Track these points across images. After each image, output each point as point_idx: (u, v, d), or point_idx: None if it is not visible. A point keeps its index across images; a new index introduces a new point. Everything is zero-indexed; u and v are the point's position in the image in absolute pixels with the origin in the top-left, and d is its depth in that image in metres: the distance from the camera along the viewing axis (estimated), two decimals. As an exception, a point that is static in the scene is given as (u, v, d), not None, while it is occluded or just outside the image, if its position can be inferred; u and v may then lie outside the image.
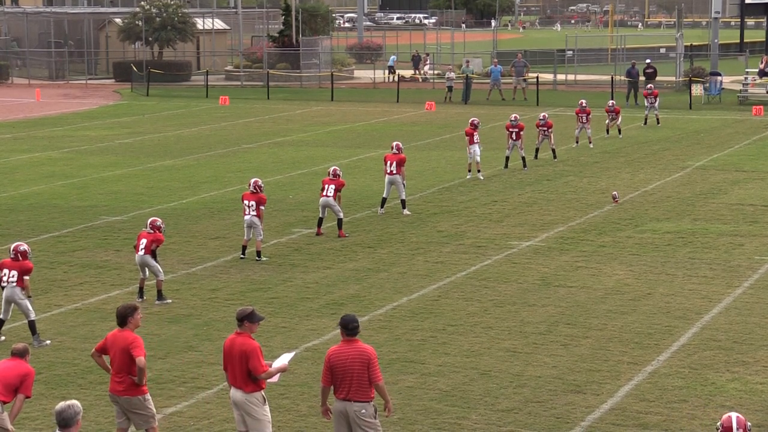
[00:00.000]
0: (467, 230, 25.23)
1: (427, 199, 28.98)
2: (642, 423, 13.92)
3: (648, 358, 16.37)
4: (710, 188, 30.20)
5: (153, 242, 19.42)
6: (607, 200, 28.33)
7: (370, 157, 36.71)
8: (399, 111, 51.07)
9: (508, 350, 16.81)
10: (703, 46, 68.97)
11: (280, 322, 18.27)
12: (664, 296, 19.71)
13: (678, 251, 23.07)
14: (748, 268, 21.55)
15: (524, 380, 15.48)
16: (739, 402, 14.45)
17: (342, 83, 63.68)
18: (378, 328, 17.88)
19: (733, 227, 25.22)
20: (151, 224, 19.63)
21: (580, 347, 16.92)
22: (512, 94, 55.54)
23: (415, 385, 15.33)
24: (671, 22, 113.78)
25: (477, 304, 19.36)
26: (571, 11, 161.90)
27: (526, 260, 22.44)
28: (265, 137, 42.10)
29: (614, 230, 25.05)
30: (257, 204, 22.29)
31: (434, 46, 76.24)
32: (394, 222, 26.16)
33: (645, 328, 17.84)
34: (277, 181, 32.11)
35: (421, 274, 21.43)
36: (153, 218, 19.96)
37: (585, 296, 19.75)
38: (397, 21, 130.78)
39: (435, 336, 17.55)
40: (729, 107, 50.58)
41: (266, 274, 21.50)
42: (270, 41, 69.00)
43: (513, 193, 29.74)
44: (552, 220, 26.17)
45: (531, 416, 14.19)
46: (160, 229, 19.63)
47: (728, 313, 18.64)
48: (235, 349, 11.97)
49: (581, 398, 14.78)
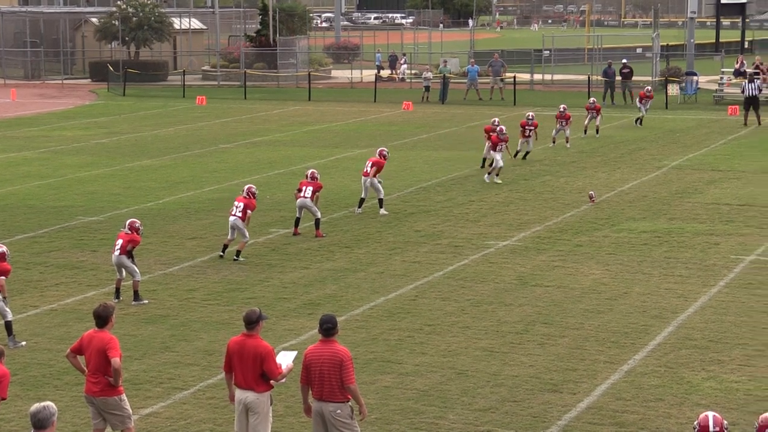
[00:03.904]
0: (444, 230, 25.25)
1: (404, 199, 28.99)
2: (618, 422, 13.96)
3: (624, 357, 16.42)
4: (686, 188, 30.32)
5: (129, 243, 19.37)
6: (583, 200, 28.41)
7: (348, 156, 36.70)
8: (376, 111, 51.08)
9: (485, 350, 16.83)
10: (679, 45, 69.27)
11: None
12: (640, 295, 19.78)
13: (654, 250, 23.15)
14: (724, 267, 21.64)
15: (501, 380, 15.50)
16: (714, 400, 14.51)
17: (319, 83, 63.64)
18: (355, 328, 17.88)
19: (708, 226, 25.32)
20: (130, 225, 19.59)
21: (557, 346, 16.95)
22: (489, 94, 55.63)
23: (393, 385, 15.33)
24: (647, 21, 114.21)
25: (454, 303, 19.38)
26: (548, 11, 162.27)
27: (503, 260, 22.47)
28: (242, 137, 42.03)
29: (591, 230, 25.12)
30: (245, 207, 22.31)
31: (411, 45, 76.24)
32: (371, 222, 26.16)
33: (621, 327, 17.90)
34: (254, 181, 31.98)
35: (399, 274, 21.44)
36: (132, 219, 19.92)
37: (562, 296, 19.80)
38: (374, 21, 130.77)
39: (412, 336, 17.56)
40: (705, 107, 50.80)
41: (243, 275, 21.46)
42: (247, 41, 68.93)
43: (490, 193, 29.78)
44: (529, 220, 26.22)
45: (508, 415, 14.21)
46: (137, 230, 19.58)
47: (704, 312, 18.72)
48: (247, 351, 11.98)
49: (558, 397, 14.82)
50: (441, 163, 34.98)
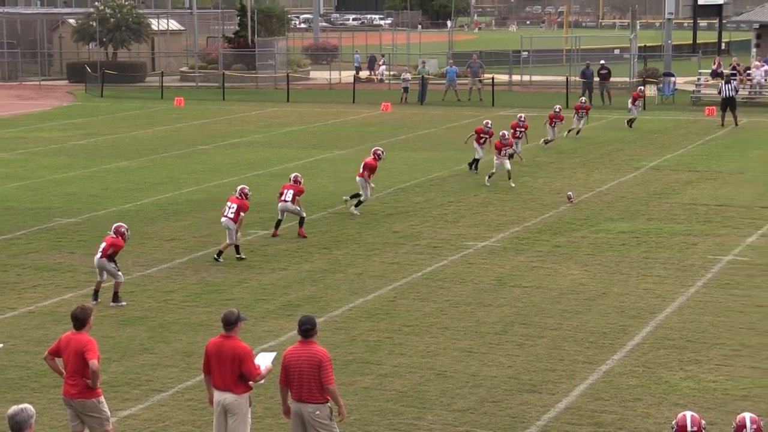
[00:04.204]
0: (423, 231, 25.26)
1: (382, 200, 28.99)
2: (597, 422, 14.00)
3: (603, 357, 16.46)
4: (664, 188, 30.43)
5: (111, 247, 19.31)
6: (562, 200, 28.47)
7: (327, 158, 36.69)
8: (355, 112, 51.07)
9: (463, 350, 16.85)
10: (657, 47, 69.50)
11: (236, 324, 18.19)
12: (618, 296, 19.83)
13: (632, 251, 23.22)
14: (702, 268, 21.73)
15: (480, 380, 15.52)
16: (692, 400, 14.57)
17: (298, 84, 63.58)
18: (334, 330, 17.87)
19: (686, 227, 25.42)
20: (115, 229, 19.53)
21: (536, 347, 16.98)
22: (468, 95, 55.71)
23: (372, 386, 15.33)
24: (625, 23, 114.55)
25: (433, 304, 19.40)
26: (527, 12, 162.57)
27: (482, 261, 22.50)
28: (221, 138, 41.95)
29: (569, 230, 25.18)
30: (237, 208, 22.30)
31: (390, 46, 76.25)
32: (349, 223, 26.16)
33: (600, 327, 17.95)
34: (232, 183, 31.96)
35: (377, 275, 21.44)
36: (118, 224, 19.83)
37: (540, 296, 19.83)
38: (353, 22, 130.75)
39: (391, 337, 17.57)
40: (682, 108, 50.99)
41: (222, 276, 21.42)
42: (225, 42, 68.79)
43: (468, 194, 29.82)
44: (507, 221, 26.26)
45: (487, 416, 14.23)
46: (123, 235, 19.49)
47: (682, 312, 18.79)
48: (225, 352, 11.96)
49: (537, 398, 14.84)
50: (419, 164, 35.00)
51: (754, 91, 52.40)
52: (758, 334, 17.49)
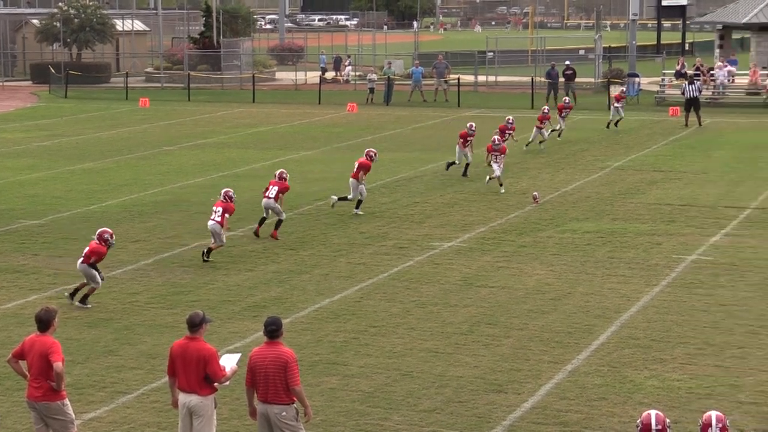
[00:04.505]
0: (389, 231, 25.27)
1: (349, 201, 28.93)
2: (562, 421, 14.05)
3: (568, 356, 16.52)
4: (628, 188, 30.57)
5: (92, 254, 19.20)
6: (527, 201, 28.56)
7: (293, 159, 36.64)
8: (321, 112, 51.03)
9: (430, 351, 16.87)
10: (622, 47, 69.83)
11: (202, 326, 18.13)
12: (584, 295, 19.91)
13: (597, 251, 23.32)
14: (666, 267, 21.85)
15: (446, 380, 15.54)
16: (657, 399, 14.64)
17: (263, 85, 63.46)
18: (300, 330, 17.85)
19: (651, 226, 25.55)
20: (99, 235, 19.41)
21: (502, 347, 17.03)
22: (434, 96, 55.78)
23: (338, 387, 15.32)
24: (590, 23, 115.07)
25: (399, 305, 19.41)
26: (492, 13, 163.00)
27: (448, 261, 22.53)
28: (186, 139, 41.81)
29: (535, 230, 25.26)
30: (223, 211, 22.30)
31: (356, 47, 76.27)
32: (315, 224, 26.14)
33: (565, 327, 18.01)
34: (198, 184, 31.91)
35: (344, 276, 21.43)
36: (103, 229, 19.67)
37: (506, 296, 19.89)
38: (318, 22, 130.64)
39: (357, 337, 17.56)
40: (646, 108, 51.25)
41: (187, 277, 21.35)
42: (190, 43, 68.57)
43: (434, 194, 29.85)
44: (473, 221, 26.31)
45: (453, 416, 14.25)
46: (106, 242, 19.36)
47: (646, 311, 18.88)
48: (190, 354, 11.93)
49: (503, 397, 14.88)
50: (386, 164, 34.98)
51: (717, 91, 52.76)
52: (722, 333, 17.60)
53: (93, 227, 25.34)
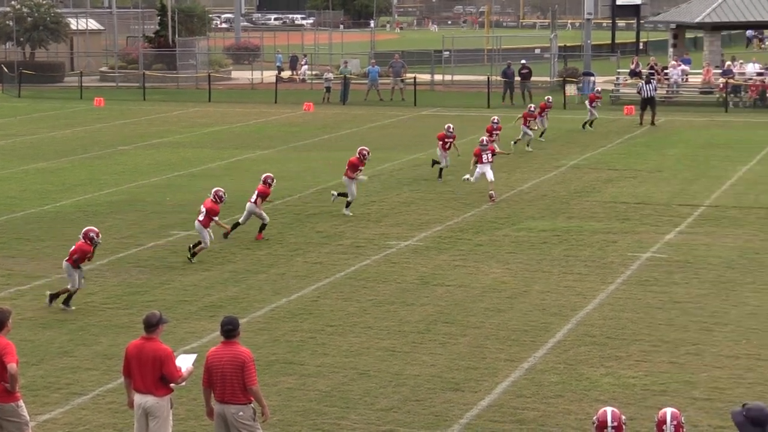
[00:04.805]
0: (346, 231, 25.26)
1: (305, 200, 28.95)
2: (519, 419, 14.10)
3: (525, 354, 16.58)
4: (584, 187, 30.73)
5: (76, 253, 19.04)
6: (484, 199, 28.63)
7: (249, 158, 36.54)
8: (277, 112, 50.92)
9: (387, 350, 16.88)
10: (577, 46, 70.17)
11: (158, 326, 18.04)
12: (540, 293, 20.00)
13: (553, 249, 23.42)
14: (621, 265, 21.99)
15: (403, 379, 15.55)
16: (612, 396, 14.73)
17: (219, 84, 63.21)
18: (257, 330, 17.80)
19: (606, 225, 25.70)
20: (84, 234, 19.25)
21: (458, 345, 17.07)
22: (390, 95, 55.81)
23: (295, 387, 15.30)
24: (545, 23, 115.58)
25: (356, 304, 19.40)
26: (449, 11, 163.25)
27: (405, 260, 22.56)
28: (142, 139, 41.58)
29: (491, 229, 25.33)
30: (207, 212, 22.27)
31: (312, 46, 76.12)
32: (272, 223, 26.02)
33: (521, 325, 18.08)
34: (153, 184, 31.74)
35: (300, 275, 21.40)
36: (88, 228, 19.50)
37: (463, 295, 19.93)
38: (274, 21, 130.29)
39: (314, 337, 17.54)
40: (601, 107, 51.42)
41: (143, 278, 21.23)
42: (146, 42, 68.19)
43: (391, 194, 29.87)
44: (430, 220, 26.35)
45: (410, 415, 14.27)
46: (92, 240, 19.18)
47: (602, 309, 18.99)
48: (145, 354, 11.87)
49: (459, 396, 14.91)
50: (343, 163, 34.86)
51: (671, 90, 53.15)
52: (676, 330, 17.74)
53: (47, 228, 25.21)
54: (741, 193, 29.62)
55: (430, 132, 43.11)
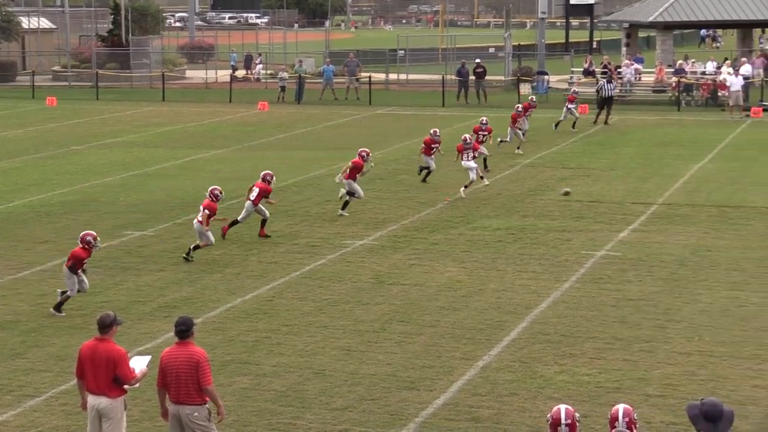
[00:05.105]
0: (301, 230, 25.23)
1: (260, 200, 28.83)
2: (474, 417, 14.14)
3: (480, 353, 16.63)
4: (538, 185, 30.86)
5: (71, 258, 18.84)
6: (439, 198, 28.68)
7: (203, 158, 36.40)
8: (232, 111, 50.76)
9: (342, 349, 16.88)
10: (531, 45, 70.48)
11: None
12: (495, 292, 20.06)
13: (508, 247, 23.51)
14: (575, 263, 22.11)
15: (359, 378, 15.55)
16: (567, 393, 14.81)
17: (173, 83, 62.93)
18: (212, 330, 17.74)
19: (560, 223, 25.83)
20: (81, 238, 19.03)
21: (414, 344, 17.09)
22: (345, 94, 55.82)
23: (250, 387, 15.26)
24: (500, 22, 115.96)
25: (311, 303, 19.39)
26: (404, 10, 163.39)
27: (360, 259, 22.56)
28: (95, 138, 41.31)
29: (446, 228, 25.39)
30: (204, 210, 22.24)
31: (267, 45, 75.96)
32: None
33: (477, 323, 18.13)
34: (107, 183, 31.55)
35: (255, 275, 21.35)
36: (85, 232, 19.29)
37: (418, 294, 19.96)
38: (229, 21, 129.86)
39: (269, 336, 17.51)
40: (556, 105, 51.56)
41: (97, 278, 21.07)
42: (99, 41, 67.73)
43: (346, 193, 29.80)
44: (385, 219, 26.36)
45: (366, 414, 14.27)
46: (89, 244, 18.92)
47: (556, 307, 19.09)
48: (99, 355, 11.79)
49: (415, 394, 14.93)
50: (297, 163, 34.93)
51: (624, 89, 53.48)
52: (630, 328, 17.85)
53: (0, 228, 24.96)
54: (693, 191, 29.88)
55: (385, 131, 43.24)
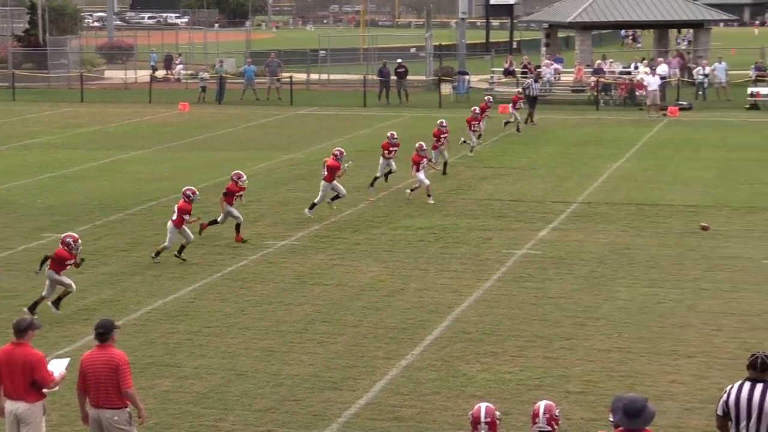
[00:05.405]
0: (222, 231, 25.07)
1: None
2: (397, 416, 14.18)
3: (402, 352, 16.68)
4: (460, 184, 31.02)
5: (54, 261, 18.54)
6: (361, 198, 28.69)
7: (122, 159, 36.06)
8: (152, 111, 50.35)
9: (265, 350, 16.83)
10: (452, 45, 70.78)
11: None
12: (417, 291, 20.13)
13: (430, 246, 23.60)
14: (497, 262, 22.25)
15: (281, 379, 15.52)
16: (488, 391, 14.90)
17: (92, 84, 62.25)
18: (133, 333, 17.59)
19: (481, 222, 25.99)
20: (62, 240, 18.74)
21: (336, 344, 17.10)
22: (266, 94, 55.64)
23: (171, 389, 15.16)
24: (421, 22, 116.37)
25: (233, 304, 19.30)
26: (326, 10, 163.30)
27: (282, 259, 22.51)
28: (12, 140, 40.71)
29: (368, 228, 25.42)
30: (179, 211, 22.07)
31: (187, 45, 75.45)
32: (148, 225, 25.77)
33: (399, 323, 18.18)
34: (24, 185, 31.12)
35: (177, 277, 21.20)
36: (66, 234, 18.99)
37: (340, 294, 19.97)
38: (148, 20, 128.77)
39: (191, 338, 17.40)
40: (476, 105, 51.93)
41: (15, 281, 20.81)
42: (15, 41, 66.76)
43: (268, 193, 29.76)
44: (307, 219, 26.31)
45: (288, 415, 14.25)
46: (69, 246, 18.61)
47: (478, 305, 19.20)
48: (15, 360, 11.63)
49: (338, 395, 14.94)
50: (219, 163, 34.73)
51: (544, 88, 53.91)
52: (551, 325, 18.02)
53: None
54: (612, 189, 30.22)
55: (306, 131, 43.18)
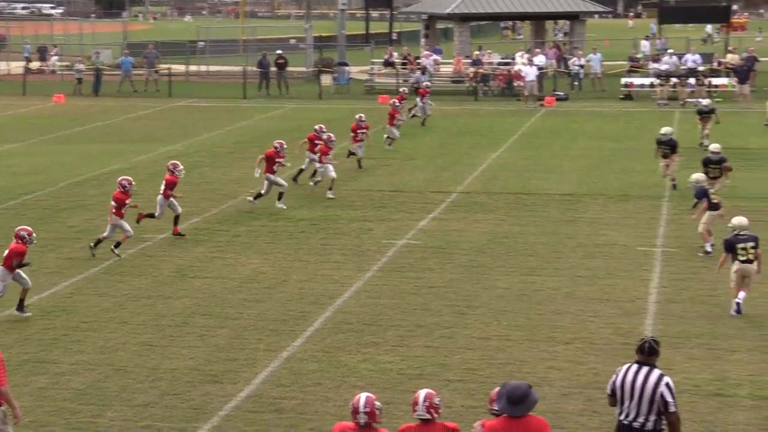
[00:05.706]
0: (100, 225, 24.66)
1: (55, 195, 28.17)
2: (278, 408, 14.14)
3: (283, 344, 16.64)
4: (341, 175, 30.90)
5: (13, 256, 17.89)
6: (242, 190, 28.49)
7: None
8: (26, 104, 49.35)
9: (144, 344, 16.63)
10: (332, 37, 70.74)
11: None
12: (298, 282, 20.09)
13: (311, 238, 23.57)
14: (377, 252, 22.32)
15: (161, 374, 15.36)
16: (370, 381, 14.94)
17: (-37, 76, 60.80)
18: (7, 330, 17.24)
19: (362, 213, 26.03)
20: (16, 234, 18.02)
21: (217, 337, 16.98)
22: (144, 86, 54.95)
23: (48, 386, 14.88)
24: (300, 13, 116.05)
25: (111, 299, 19.04)
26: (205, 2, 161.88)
27: (161, 252, 22.27)
28: None
29: (249, 220, 25.28)
30: (115, 201, 21.91)
31: (62, 36, 74.08)
32: (21, 219, 25.19)
33: (280, 314, 18.13)
34: None
35: (53, 271, 20.83)
36: (20, 227, 18.27)
37: (221, 286, 19.83)
38: (21, 11, 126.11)
39: (68, 334, 17.11)
40: (357, 96, 52.13)
41: None
42: None
43: (146, 186, 29.33)
44: (187, 212, 25.99)
45: (168, 409, 14.10)
46: (23, 239, 17.94)
47: (359, 296, 19.24)
48: None
49: (218, 388, 14.84)
50: (96, 156, 34.20)
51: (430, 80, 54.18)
52: (431, 315, 18.13)
53: None
54: (490, 179, 30.53)
55: (185, 123, 42.76)
